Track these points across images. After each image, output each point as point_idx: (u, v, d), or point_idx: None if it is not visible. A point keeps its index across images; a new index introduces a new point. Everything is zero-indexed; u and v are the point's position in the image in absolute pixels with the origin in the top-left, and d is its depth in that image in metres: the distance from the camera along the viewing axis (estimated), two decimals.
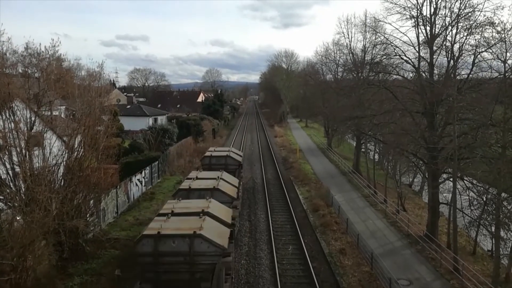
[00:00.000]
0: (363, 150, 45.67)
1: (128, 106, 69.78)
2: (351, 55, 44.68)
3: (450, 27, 21.81)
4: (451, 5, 21.69)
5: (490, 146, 19.61)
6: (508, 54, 18.29)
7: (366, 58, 40.30)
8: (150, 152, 37.08)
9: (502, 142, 17.85)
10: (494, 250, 19.99)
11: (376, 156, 46.26)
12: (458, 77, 22.11)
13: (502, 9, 19.63)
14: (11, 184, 16.06)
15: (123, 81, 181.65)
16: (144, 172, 30.36)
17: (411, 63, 24.10)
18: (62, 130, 19.04)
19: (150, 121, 61.51)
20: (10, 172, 16.13)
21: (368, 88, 29.96)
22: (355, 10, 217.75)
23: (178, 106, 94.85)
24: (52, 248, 15.53)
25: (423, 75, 23.68)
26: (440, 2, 22.14)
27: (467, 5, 21.09)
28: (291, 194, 31.00)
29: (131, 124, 57.17)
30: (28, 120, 16.93)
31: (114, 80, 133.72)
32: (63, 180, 17.68)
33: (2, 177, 15.93)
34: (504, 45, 18.46)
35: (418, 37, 23.23)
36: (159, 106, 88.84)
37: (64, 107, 24.86)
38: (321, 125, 78.33)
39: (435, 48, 22.71)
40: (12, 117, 16.23)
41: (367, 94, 30.95)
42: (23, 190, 15.79)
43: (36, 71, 18.66)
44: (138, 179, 28.95)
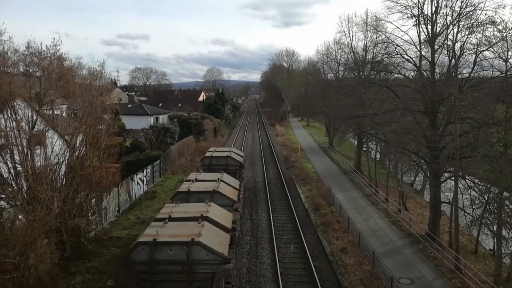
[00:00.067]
0: (364, 149, 45.63)
1: (130, 105, 69.79)
2: (352, 54, 44.63)
3: (451, 26, 21.79)
4: (452, 3, 21.69)
5: (492, 145, 19.58)
6: (509, 53, 18.19)
7: (367, 57, 40.32)
8: (151, 151, 37.13)
9: (503, 141, 17.82)
10: (496, 249, 20.02)
11: (378, 155, 46.19)
12: (459, 76, 22.09)
13: (504, 8, 19.67)
14: (13, 183, 16.10)
15: (124, 80, 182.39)
16: (146, 171, 30.40)
17: (413, 62, 24.07)
18: (63, 129, 19.08)
19: (152, 120, 61.53)
20: (12, 171, 16.16)
21: (370, 87, 29.94)
22: (356, 9, 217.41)
23: (180, 105, 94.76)
24: (54, 247, 15.55)
25: (425, 74, 23.66)
26: (441, 1, 22.15)
27: (468, 3, 21.08)
28: (293, 193, 31.01)
29: (133, 123, 57.17)
30: (29, 119, 16.98)
31: (115, 79, 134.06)
32: (64, 179, 17.72)
33: (4, 176, 15.96)
34: (506, 44, 18.38)
35: (419, 35, 23.23)
36: (160, 105, 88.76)
37: (65, 106, 24.90)
38: (322, 124, 78.39)
39: (436, 47, 22.67)
40: (13, 116, 16.26)
41: (369, 93, 30.92)
42: (25, 189, 15.82)
43: (37, 70, 18.70)
44: (140, 178, 28.99)
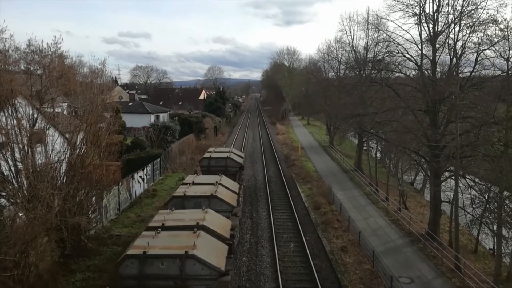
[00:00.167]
0: (365, 148, 45.63)
1: (130, 103, 69.86)
2: (353, 52, 44.54)
3: (452, 25, 21.74)
4: (454, 2, 21.64)
5: (493, 144, 19.58)
6: (511, 52, 18.16)
7: (368, 56, 40.18)
8: (152, 149, 37.15)
9: (504, 140, 17.78)
10: (496, 248, 20.01)
11: (378, 154, 46.21)
12: (460, 75, 22.06)
13: (505, 6, 19.64)
14: (13, 180, 16.13)
15: (125, 78, 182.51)
16: (146, 169, 30.42)
17: (414, 61, 24.04)
18: (64, 127, 19.12)
19: (152, 118, 61.48)
20: (13, 168, 16.20)
21: (370, 86, 29.92)
22: (358, 8, 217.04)
23: (180, 103, 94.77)
24: (54, 245, 15.59)
25: (426, 73, 23.62)
26: (443, 0, 22.10)
27: (470, 2, 21.05)
28: (293, 192, 31.02)
29: (133, 121, 57.23)
30: (30, 117, 17.01)
31: (116, 77, 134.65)
32: (65, 177, 17.74)
33: (5, 173, 15.99)
34: (507, 43, 18.34)
35: (420, 34, 23.18)
36: (161, 103, 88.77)
37: (66, 104, 24.95)
38: (323, 122, 78.37)
39: (437, 45, 22.63)
40: (14, 114, 16.30)
41: (369, 92, 30.92)
42: (26, 186, 15.85)
43: (38, 68, 18.76)
44: (140, 176, 29.01)
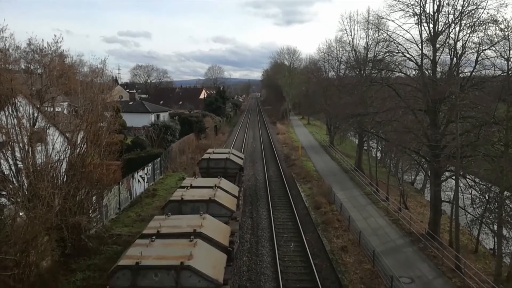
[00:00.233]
0: (365, 147, 45.60)
1: (131, 103, 69.76)
2: (353, 52, 44.51)
3: (453, 25, 21.73)
4: (454, 2, 21.62)
5: (493, 144, 19.58)
6: (511, 52, 18.18)
7: (368, 56, 40.15)
8: (152, 149, 37.13)
9: (504, 140, 17.77)
10: (496, 248, 20.01)
11: (378, 154, 46.21)
12: (461, 75, 22.04)
13: (506, 6, 19.65)
14: (14, 179, 16.14)
15: (125, 77, 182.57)
16: (147, 169, 30.42)
17: (414, 61, 24.03)
18: (64, 126, 19.12)
19: (153, 117, 61.46)
20: (13, 167, 16.20)
21: (371, 86, 29.93)
22: (358, 7, 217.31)
23: (181, 103, 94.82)
24: (54, 244, 15.61)
25: (426, 72, 23.61)
26: (443, 0, 22.08)
27: (471, 2, 21.03)
28: (293, 192, 31.02)
29: (134, 120, 57.23)
30: (30, 116, 17.02)
31: (116, 77, 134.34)
32: (65, 176, 17.75)
33: (5, 172, 16.00)
34: (508, 43, 18.33)
35: (421, 34, 23.17)
36: (161, 102, 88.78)
37: (66, 103, 24.95)
38: (323, 122, 78.32)
39: (438, 45, 22.62)
40: (15, 113, 16.29)
41: (370, 91, 30.93)
42: (26, 186, 15.86)
43: (38, 67, 18.76)
44: (141, 176, 29.02)
